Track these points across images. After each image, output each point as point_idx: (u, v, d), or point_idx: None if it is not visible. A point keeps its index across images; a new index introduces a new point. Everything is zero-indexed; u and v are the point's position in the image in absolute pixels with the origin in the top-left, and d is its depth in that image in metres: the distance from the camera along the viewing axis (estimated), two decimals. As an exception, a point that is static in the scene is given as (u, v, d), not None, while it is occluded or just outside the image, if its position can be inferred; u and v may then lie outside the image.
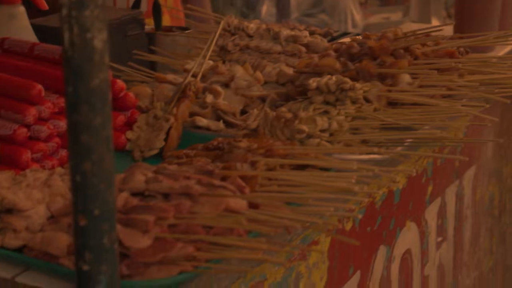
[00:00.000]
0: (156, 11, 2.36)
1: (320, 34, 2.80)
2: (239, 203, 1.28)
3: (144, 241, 1.19)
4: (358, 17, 5.79)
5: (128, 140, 1.78)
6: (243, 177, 1.39)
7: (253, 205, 1.33)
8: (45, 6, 2.07)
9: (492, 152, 2.74)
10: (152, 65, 2.29)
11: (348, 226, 1.77)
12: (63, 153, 1.68)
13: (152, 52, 2.28)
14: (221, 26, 2.02)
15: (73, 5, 0.99)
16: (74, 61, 1.01)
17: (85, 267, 1.08)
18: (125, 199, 1.29)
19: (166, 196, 1.29)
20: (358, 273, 1.89)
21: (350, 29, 5.55)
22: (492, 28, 2.65)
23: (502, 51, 2.71)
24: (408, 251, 2.16)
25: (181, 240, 1.22)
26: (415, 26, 3.19)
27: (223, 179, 1.39)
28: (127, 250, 1.20)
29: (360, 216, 1.54)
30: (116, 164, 1.56)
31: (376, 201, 1.88)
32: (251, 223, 1.24)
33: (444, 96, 1.94)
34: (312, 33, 2.71)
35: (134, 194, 1.32)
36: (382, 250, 2.00)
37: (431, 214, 2.28)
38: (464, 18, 2.66)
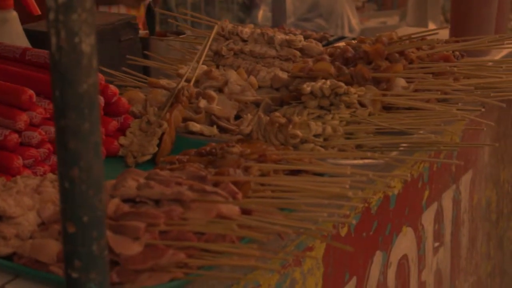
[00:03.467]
0: (150, 15, 2.34)
1: (316, 39, 2.79)
2: (231, 209, 1.27)
3: (134, 248, 1.17)
4: (354, 21, 5.78)
5: (121, 145, 1.76)
6: (235, 183, 1.38)
7: (246, 211, 1.31)
8: (38, 11, 2.05)
9: (488, 157, 2.73)
10: (146, 70, 2.28)
11: (344, 231, 1.76)
12: (55, 159, 1.66)
13: (146, 57, 2.26)
14: (214, 30, 2.00)
15: (60, 9, 0.98)
16: (62, 66, 0.99)
17: (74, 275, 1.06)
18: (116, 206, 1.27)
19: (157, 202, 1.27)
20: (354, 279, 1.87)
21: (347, 34, 5.54)
22: (488, 31, 2.64)
23: (498, 55, 2.71)
24: (404, 257, 2.15)
25: (173, 247, 1.20)
26: (411, 31, 3.18)
27: (216, 185, 1.37)
28: (118, 257, 1.18)
29: (354, 222, 1.52)
30: (108, 170, 1.54)
31: (371, 206, 1.87)
32: (243, 229, 1.22)
33: (439, 100, 1.93)
34: (307, 38, 2.70)
35: (125, 200, 1.30)
36: (378, 256, 1.98)
37: (427, 219, 2.27)
38: (460, 22, 2.65)
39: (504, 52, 2.78)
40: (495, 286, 2.96)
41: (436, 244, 2.35)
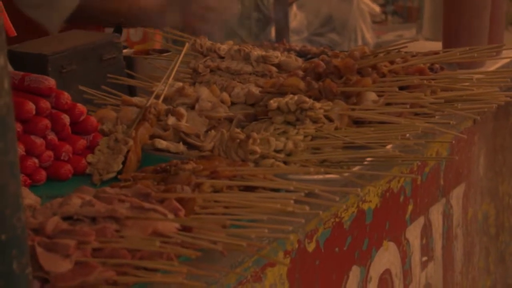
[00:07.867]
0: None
1: (315, 54, 2.78)
2: (167, 226, 1.27)
3: (64, 266, 1.18)
4: (368, 35, 5.76)
5: (89, 163, 1.78)
6: (181, 200, 1.38)
7: (186, 228, 1.32)
8: (13, 32, 2.08)
9: (484, 170, 2.69)
10: (131, 89, 2.29)
11: (311, 247, 1.75)
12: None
13: (130, 75, 2.28)
14: (185, 47, 2.01)
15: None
16: (-28, 87, 1.01)
17: (-4, 294, 1.07)
18: (56, 223, 1.28)
19: (94, 219, 1.28)
20: (327, 294, 1.86)
21: (360, 48, 5.52)
22: (480, 43, 2.61)
23: (492, 66, 2.67)
24: (387, 271, 2.12)
25: (106, 264, 1.21)
26: (427, 43, 3.16)
27: (162, 201, 1.38)
28: (48, 274, 1.19)
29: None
30: (75, 188, 1.56)
31: (344, 221, 1.85)
32: (176, 246, 1.22)
33: (416, 114, 1.91)
34: (306, 54, 2.69)
35: (66, 218, 1.31)
36: (355, 271, 1.96)
37: (413, 233, 2.24)
38: (451, 35, 2.62)
39: (500, 63, 2.74)
40: (497, 301, 2.91)
41: (424, 258, 2.32)
